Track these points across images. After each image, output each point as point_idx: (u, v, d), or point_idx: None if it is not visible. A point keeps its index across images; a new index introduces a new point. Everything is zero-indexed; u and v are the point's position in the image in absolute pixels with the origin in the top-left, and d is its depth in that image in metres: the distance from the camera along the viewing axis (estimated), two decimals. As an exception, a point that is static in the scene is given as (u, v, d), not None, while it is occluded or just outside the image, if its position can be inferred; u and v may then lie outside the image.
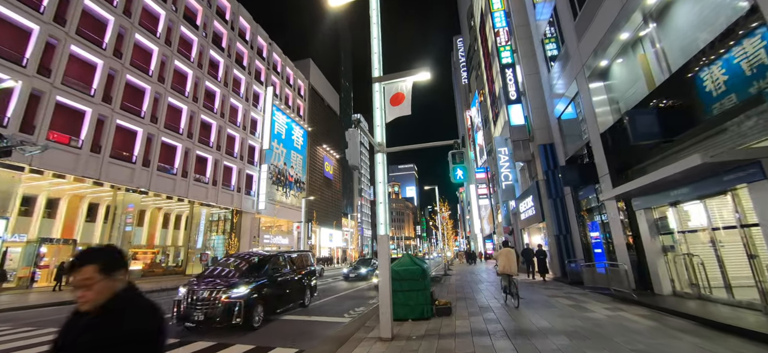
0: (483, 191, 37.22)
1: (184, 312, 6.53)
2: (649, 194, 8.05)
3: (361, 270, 19.18)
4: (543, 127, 15.08)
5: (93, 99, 20.48)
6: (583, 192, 11.86)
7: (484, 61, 27.77)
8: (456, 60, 62.22)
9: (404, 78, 6.96)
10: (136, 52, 23.81)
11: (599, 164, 10.16)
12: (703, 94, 6.16)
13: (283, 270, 8.73)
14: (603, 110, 10.23)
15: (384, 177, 6.59)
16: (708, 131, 6.42)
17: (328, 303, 10.51)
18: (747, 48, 5.19)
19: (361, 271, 19.04)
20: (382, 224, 6.35)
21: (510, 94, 16.41)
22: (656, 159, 7.99)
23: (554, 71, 13.88)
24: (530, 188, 16.41)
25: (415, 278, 7.34)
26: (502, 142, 21.30)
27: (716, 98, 5.84)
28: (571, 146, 13.20)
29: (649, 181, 6.85)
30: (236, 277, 7.42)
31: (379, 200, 6.46)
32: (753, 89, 5.10)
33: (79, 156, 19.44)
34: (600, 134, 9.89)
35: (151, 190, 23.88)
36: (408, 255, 7.93)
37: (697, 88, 6.28)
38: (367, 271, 19.04)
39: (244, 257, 8.46)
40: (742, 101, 5.31)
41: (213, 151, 30.10)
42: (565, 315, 6.77)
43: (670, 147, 7.45)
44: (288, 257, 9.42)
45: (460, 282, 14.59)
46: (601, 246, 10.55)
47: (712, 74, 5.88)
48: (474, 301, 9.27)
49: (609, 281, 8.99)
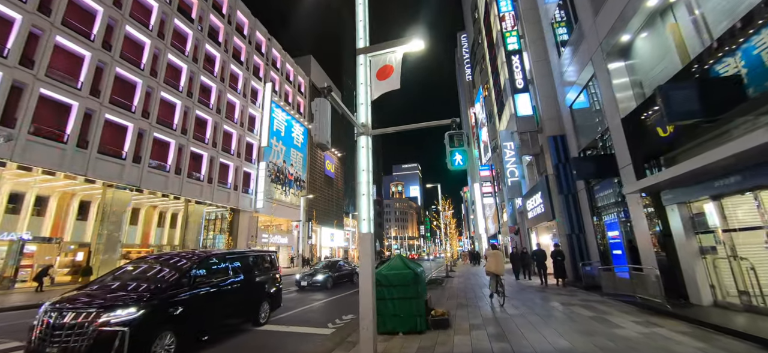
0: (487, 189, 35.93)
1: (35, 347, 4.34)
2: (683, 187, 6.84)
3: (317, 276, 14.56)
4: (553, 117, 13.87)
5: (80, 92, 19.68)
6: (599, 187, 10.64)
7: (488, 52, 26.55)
8: (460, 57, 60.87)
9: (393, 48, 5.88)
10: (126, 44, 23.00)
11: (619, 154, 8.95)
12: (756, 63, 4.98)
13: (225, 277, 6.47)
14: (624, 95, 9.02)
15: (368, 164, 5.50)
16: (761, 108, 5.24)
17: (313, 310, 9.44)
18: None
19: (318, 278, 14.44)
20: (365, 221, 5.26)
21: (516, 82, 15.20)
22: (689, 146, 6.80)
23: (565, 56, 12.68)
24: (538, 184, 15.20)
25: (406, 283, 6.24)
26: (507, 136, 20.07)
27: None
28: (584, 137, 11.98)
29: (690, 168, 5.66)
30: (134, 290, 5.03)
31: (361, 192, 5.38)
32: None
33: (65, 151, 18.64)
34: (620, 120, 8.69)
35: (142, 187, 23.06)
36: (399, 257, 6.83)
37: (749, 55, 5.10)
38: (326, 277, 14.52)
39: (166, 260, 6.14)
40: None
41: (208, 148, 29.26)
42: (587, 332, 5.61)
43: (706, 132, 6.26)
44: (237, 258, 7.09)
45: (463, 286, 13.45)
46: (622, 247, 9.34)
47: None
48: (477, 309, 8.13)
49: (633, 287, 7.79)
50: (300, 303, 10.40)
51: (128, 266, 6.08)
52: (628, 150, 8.41)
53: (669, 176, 6.39)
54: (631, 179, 8.31)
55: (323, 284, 14.23)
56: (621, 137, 8.72)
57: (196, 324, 5.57)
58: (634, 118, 8.06)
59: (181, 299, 5.25)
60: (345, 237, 60.44)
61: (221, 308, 6.24)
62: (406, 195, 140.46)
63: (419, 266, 7.11)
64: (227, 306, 6.41)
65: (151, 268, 5.88)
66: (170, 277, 5.44)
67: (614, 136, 9.16)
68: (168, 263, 5.98)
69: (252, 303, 7.13)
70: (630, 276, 8.69)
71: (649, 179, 7.39)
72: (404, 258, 6.86)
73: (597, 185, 10.77)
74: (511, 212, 24.92)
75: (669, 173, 6.42)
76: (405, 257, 7.00)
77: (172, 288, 5.22)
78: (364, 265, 5.09)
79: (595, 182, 10.91)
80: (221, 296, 6.24)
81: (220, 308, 6.21)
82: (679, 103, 5.88)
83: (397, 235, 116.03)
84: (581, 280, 11.11)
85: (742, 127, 5.56)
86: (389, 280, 6.33)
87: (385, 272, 6.43)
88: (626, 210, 9.09)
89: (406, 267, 6.43)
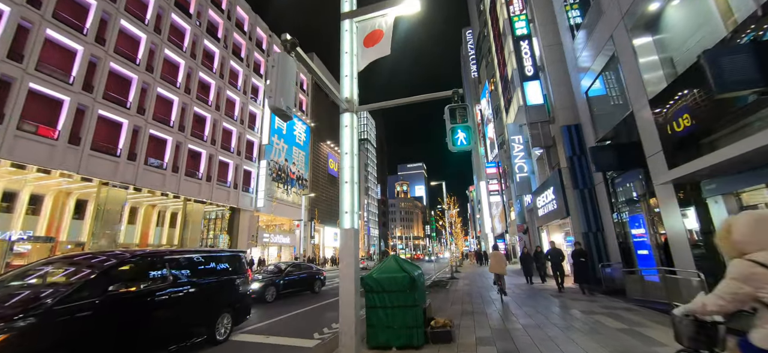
0: (494, 187, 34.72)
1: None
2: (731, 174, 5.77)
3: (253, 285, 10.40)
4: (566, 106, 12.78)
5: (72, 88, 19.13)
6: (620, 179, 9.55)
7: (495, 43, 25.43)
8: (465, 53, 59.72)
9: (384, 11, 4.94)
10: (121, 39, 22.45)
11: (646, 140, 7.87)
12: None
13: (162, 285, 5.02)
14: (652, 76, 7.92)
15: (352, 147, 4.57)
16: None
17: (299, 317, 8.53)
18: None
19: (253, 287, 10.28)
20: (348, 214, 4.32)
21: (526, 69, 14.13)
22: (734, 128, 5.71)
23: (580, 39, 11.59)
24: (550, 179, 14.11)
25: (401, 289, 5.29)
26: (515, 129, 18.98)
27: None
28: (601, 127, 10.88)
29: (747, 149, 4.60)
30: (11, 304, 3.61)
31: (343, 179, 4.45)
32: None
33: (55, 148, 18.09)
34: (648, 102, 7.61)
35: (138, 185, 22.48)
36: (394, 258, 5.88)
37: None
38: (263, 287, 10.89)
39: (80, 260, 4.73)
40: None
41: (207, 145, 28.66)
42: (622, 350, 4.59)
43: (756, 110, 5.18)
44: (182, 261, 5.50)
45: (469, 289, 12.44)
46: (648, 247, 8.25)
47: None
48: (484, 317, 7.14)
49: (667, 293, 6.71)
50: (285, 309, 9.51)
51: (29, 267, 4.72)
52: (658, 135, 7.33)
53: (714, 161, 5.34)
54: (662, 168, 7.23)
55: (260, 295, 10.54)
56: (649, 122, 7.64)
57: (110, 347, 4.19)
58: (667, 98, 6.98)
59: (84, 316, 3.89)
60: (348, 237, 59.67)
61: (156, 324, 4.84)
62: (411, 195, 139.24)
63: (417, 268, 6.16)
64: (166, 321, 4.99)
65: (49, 273, 4.45)
66: (72, 285, 4.01)
67: (640, 121, 8.08)
68: (80, 264, 4.56)
69: (205, 316, 5.66)
70: (660, 280, 7.61)
71: (686, 167, 6.33)
72: (399, 259, 5.91)
73: (618, 177, 9.67)
74: (519, 211, 23.77)
75: (714, 158, 5.36)
76: (401, 259, 6.05)
77: (72, 301, 3.82)
78: (346, 267, 4.15)
79: (616, 175, 9.82)
80: (157, 308, 4.84)
81: (154, 324, 4.81)
82: (731, 71, 4.83)
83: (402, 235, 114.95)
84: (600, 283, 10.03)
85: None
86: (381, 285, 5.39)
87: (376, 275, 5.49)
88: (655, 204, 8.00)
89: (401, 270, 5.47)
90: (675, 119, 6.75)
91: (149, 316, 4.78)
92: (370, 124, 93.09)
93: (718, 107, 5.57)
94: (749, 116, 5.29)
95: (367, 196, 79.62)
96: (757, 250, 1.74)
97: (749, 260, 1.74)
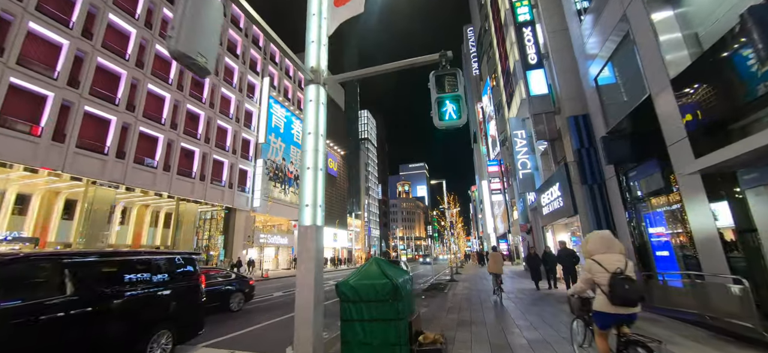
0: (496, 186, 33.76)
1: None
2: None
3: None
4: (573, 96, 11.85)
5: (56, 83, 18.43)
6: (635, 173, 8.61)
7: (496, 37, 24.52)
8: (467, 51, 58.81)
9: (359, -37, 4.06)
10: (109, 33, 21.75)
11: (667, 127, 6.94)
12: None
13: (46, 297, 3.75)
14: (674, 56, 6.99)
15: (317, 125, 3.71)
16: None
17: (279, 326, 7.67)
18: None
19: None
20: (309, 207, 3.45)
21: (529, 57, 13.22)
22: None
23: (588, 22, 10.68)
24: (556, 175, 13.17)
25: (381, 299, 4.42)
26: (518, 124, 18.04)
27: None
28: (612, 116, 9.95)
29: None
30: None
31: (306, 164, 3.58)
32: None
33: (38, 145, 17.38)
34: (670, 82, 6.69)
35: (127, 184, 21.77)
36: (376, 261, 5.01)
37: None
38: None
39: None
40: None
41: (201, 143, 27.94)
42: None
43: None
44: (83, 266, 4.15)
45: (468, 293, 11.53)
46: (669, 247, 7.31)
47: None
48: (484, 329, 6.24)
49: (696, 302, 5.78)
50: (260, 318, 8.65)
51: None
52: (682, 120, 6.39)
53: (761, 142, 4.42)
54: (687, 157, 6.30)
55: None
56: (671, 105, 6.71)
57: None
58: (694, 75, 6.06)
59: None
60: (349, 237, 58.84)
61: (45, 348, 3.63)
62: (413, 195, 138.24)
63: (405, 273, 5.28)
64: (62, 348, 3.76)
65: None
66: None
67: (660, 105, 7.15)
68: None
69: (130, 336, 4.40)
70: (683, 285, 6.68)
71: (718, 155, 5.40)
72: (383, 263, 5.03)
73: (632, 170, 8.74)
74: (522, 210, 22.81)
75: (758, 141, 4.44)
76: (384, 262, 5.17)
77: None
78: (304, 274, 3.28)
79: (630, 167, 8.88)
80: (46, 332, 3.61)
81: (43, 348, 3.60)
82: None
83: (403, 235, 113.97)
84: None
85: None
86: (358, 294, 4.52)
87: (353, 282, 4.62)
88: (677, 199, 7.06)
89: (383, 276, 4.59)
90: (704, 100, 5.83)
91: (30, 344, 3.49)
92: (370, 123, 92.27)
93: (738, 98, 4.64)
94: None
95: (367, 196, 78.76)
96: (597, 254, 3.33)
97: (592, 259, 3.33)
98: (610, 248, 3.32)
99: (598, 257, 3.28)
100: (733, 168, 5.55)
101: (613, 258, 3.22)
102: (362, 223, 71.15)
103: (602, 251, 3.30)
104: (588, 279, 3.34)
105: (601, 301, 3.17)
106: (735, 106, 5.22)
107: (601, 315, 3.23)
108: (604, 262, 3.21)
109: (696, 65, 6.04)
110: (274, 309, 9.60)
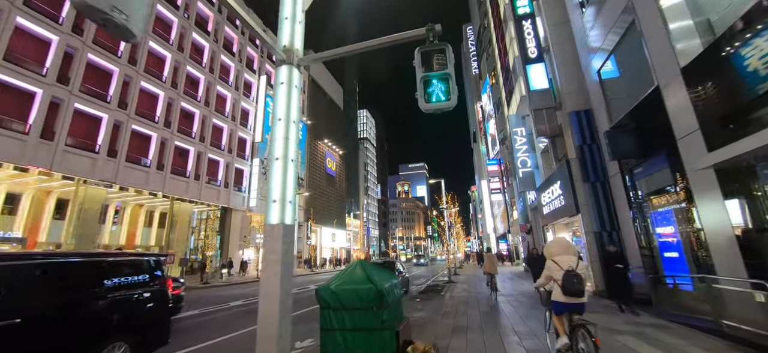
0: (495, 185, 33.34)
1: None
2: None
3: None
4: (574, 90, 11.41)
5: (45, 79, 17.98)
6: (641, 168, 8.16)
7: (495, 33, 24.10)
8: (466, 50, 58.47)
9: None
10: (101, 30, 21.24)
11: (677, 119, 6.51)
12: None
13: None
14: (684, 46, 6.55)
15: (289, 111, 3.28)
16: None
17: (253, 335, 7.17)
18: None
19: None
20: (276, 203, 3.01)
21: (529, 51, 12.78)
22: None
23: (591, 13, 10.25)
24: (557, 173, 12.73)
25: (365, 306, 3.98)
26: (517, 121, 17.60)
27: None
28: (616, 111, 9.51)
29: None
30: None
31: (274, 154, 3.14)
32: None
33: (26, 143, 16.93)
34: (680, 71, 6.25)
35: (119, 183, 21.32)
36: (360, 264, 4.56)
37: None
38: None
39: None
40: None
41: (196, 142, 27.48)
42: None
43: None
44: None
45: (466, 296, 11.09)
46: (679, 248, 6.86)
47: None
48: (481, 337, 5.79)
49: (713, 309, 5.32)
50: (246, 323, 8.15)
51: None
52: (694, 111, 5.96)
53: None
54: (700, 150, 5.86)
55: None
56: (681, 95, 6.27)
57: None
58: (708, 63, 5.62)
59: None
60: (347, 238, 58.37)
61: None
62: (412, 195, 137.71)
63: (392, 277, 4.83)
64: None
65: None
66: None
67: (669, 96, 6.71)
68: None
69: (70, 348, 3.68)
70: (695, 289, 6.23)
71: (735, 147, 4.96)
72: (368, 266, 4.58)
73: (639, 166, 8.29)
74: (522, 209, 22.37)
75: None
76: (370, 265, 4.73)
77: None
78: (269, 279, 2.84)
79: (635, 163, 8.44)
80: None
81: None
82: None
83: (403, 235, 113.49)
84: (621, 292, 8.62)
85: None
86: (339, 300, 4.08)
87: (334, 287, 4.18)
88: (686, 196, 6.62)
89: (367, 281, 4.15)
90: (719, 89, 5.39)
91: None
92: (369, 122, 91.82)
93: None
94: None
95: (366, 196, 78.30)
96: (556, 255, 4.04)
97: (552, 260, 4.04)
98: (566, 251, 4.07)
99: (557, 258, 4.02)
100: (751, 162, 5.11)
101: (567, 259, 3.93)
102: (361, 223, 70.68)
103: (560, 254, 4.04)
104: (548, 275, 4.08)
105: (557, 292, 3.92)
106: (754, 94, 4.78)
107: (556, 304, 3.97)
108: (561, 262, 3.93)
109: (709, 52, 5.60)
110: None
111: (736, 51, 4.96)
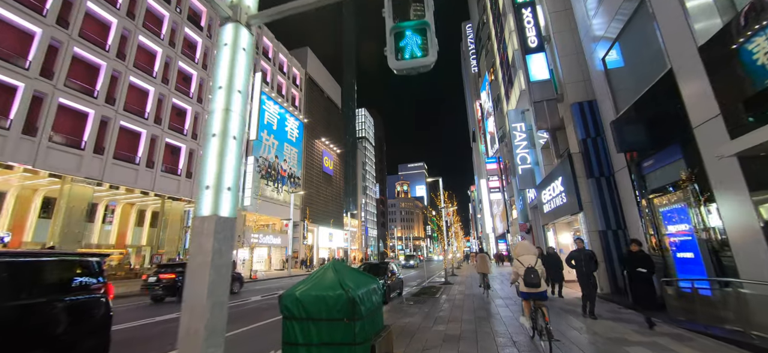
0: (495, 184, 32.72)
1: None
2: None
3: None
4: (577, 80, 10.79)
5: (27, 73, 17.34)
6: (652, 161, 7.52)
7: (494, 27, 23.47)
8: (465, 48, 57.80)
9: None
10: (88, 22, 20.67)
11: (693, 104, 5.88)
12: None
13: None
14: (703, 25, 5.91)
15: (231, 80, 2.64)
16: None
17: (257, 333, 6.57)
18: None
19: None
20: (210, 189, 2.37)
21: (529, 41, 12.14)
22: None
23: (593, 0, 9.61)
24: (558, 169, 12.10)
25: (334, 317, 3.34)
26: (517, 116, 16.97)
27: None
28: (622, 101, 8.88)
29: None
30: None
31: (210, 130, 2.51)
32: None
33: (7, 138, 16.30)
34: (698, 50, 5.62)
35: (106, 181, 20.68)
36: (333, 267, 3.92)
37: None
38: None
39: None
40: None
41: (188, 139, 26.85)
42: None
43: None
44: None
45: (463, 299, 10.44)
46: (695, 248, 6.22)
47: None
48: (475, 348, 5.15)
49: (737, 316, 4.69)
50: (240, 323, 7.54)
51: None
52: (714, 94, 5.32)
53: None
54: (720, 138, 5.23)
55: None
56: (699, 78, 5.64)
57: None
58: (732, 37, 4.98)
59: None
60: (344, 237, 57.71)
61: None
62: (411, 195, 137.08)
63: (372, 281, 4.19)
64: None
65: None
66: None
67: (684, 80, 6.08)
68: None
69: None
70: (714, 294, 5.60)
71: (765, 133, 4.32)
72: (342, 270, 3.94)
73: (648, 159, 7.65)
74: (521, 208, 21.74)
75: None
76: (346, 268, 4.09)
77: None
78: (196, 288, 2.19)
79: (644, 156, 7.80)
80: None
81: None
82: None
83: (402, 235, 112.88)
84: (624, 293, 8.01)
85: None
86: (305, 309, 3.44)
87: (299, 294, 3.53)
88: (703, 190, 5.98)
89: (338, 286, 3.51)
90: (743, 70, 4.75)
91: None
92: (368, 122, 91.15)
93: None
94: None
95: (364, 195, 77.64)
96: (521, 255, 5.26)
97: (517, 259, 5.26)
98: (528, 251, 5.29)
99: (521, 257, 5.20)
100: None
101: (529, 258, 5.12)
102: (359, 223, 70.01)
103: (523, 254, 5.23)
104: (515, 271, 5.28)
105: (522, 284, 5.07)
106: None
107: (522, 293, 5.17)
108: (524, 261, 5.13)
109: (733, 25, 4.96)
110: (250, 317, 8.43)
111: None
